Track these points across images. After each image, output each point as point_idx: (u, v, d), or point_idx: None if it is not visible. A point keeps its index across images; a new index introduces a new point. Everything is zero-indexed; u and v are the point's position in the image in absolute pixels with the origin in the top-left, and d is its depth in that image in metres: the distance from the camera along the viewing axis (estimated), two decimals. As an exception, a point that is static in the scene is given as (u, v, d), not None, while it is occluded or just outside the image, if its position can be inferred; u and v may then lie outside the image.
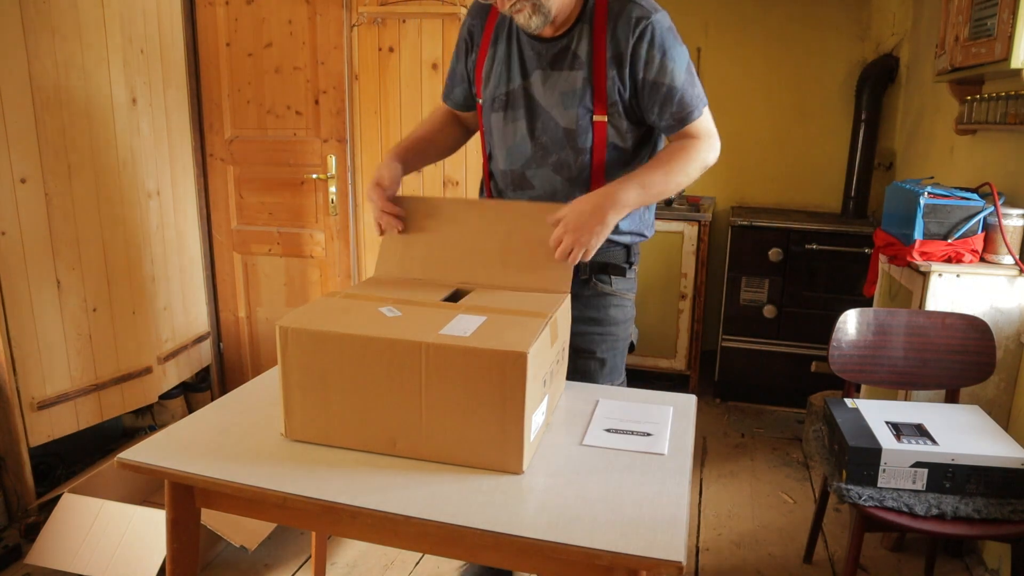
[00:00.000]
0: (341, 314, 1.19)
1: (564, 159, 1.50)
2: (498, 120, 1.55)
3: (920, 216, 2.08)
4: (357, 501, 0.99)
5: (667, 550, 0.89)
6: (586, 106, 1.45)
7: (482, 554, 1.02)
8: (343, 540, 2.25)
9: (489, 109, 1.56)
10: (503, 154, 1.57)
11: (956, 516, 1.58)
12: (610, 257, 1.59)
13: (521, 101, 1.50)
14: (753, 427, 3.24)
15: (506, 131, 1.54)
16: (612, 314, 1.60)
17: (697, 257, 3.43)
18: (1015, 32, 1.93)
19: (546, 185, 1.53)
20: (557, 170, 1.51)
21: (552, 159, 1.50)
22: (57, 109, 2.27)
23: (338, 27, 2.68)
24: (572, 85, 1.45)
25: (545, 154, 1.51)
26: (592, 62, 1.43)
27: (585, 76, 1.44)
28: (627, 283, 1.63)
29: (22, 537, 2.18)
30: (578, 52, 1.44)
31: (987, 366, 1.93)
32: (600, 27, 1.42)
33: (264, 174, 2.90)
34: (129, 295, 2.58)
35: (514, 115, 1.52)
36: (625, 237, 1.58)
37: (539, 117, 1.49)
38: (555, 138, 1.49)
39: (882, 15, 3.53)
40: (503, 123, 1.54)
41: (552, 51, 1.46)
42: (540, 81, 1.47)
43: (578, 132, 1.47)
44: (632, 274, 1.64)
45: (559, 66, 1.45)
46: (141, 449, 1.12)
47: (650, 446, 1.17)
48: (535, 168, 1.53)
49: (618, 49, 1.41)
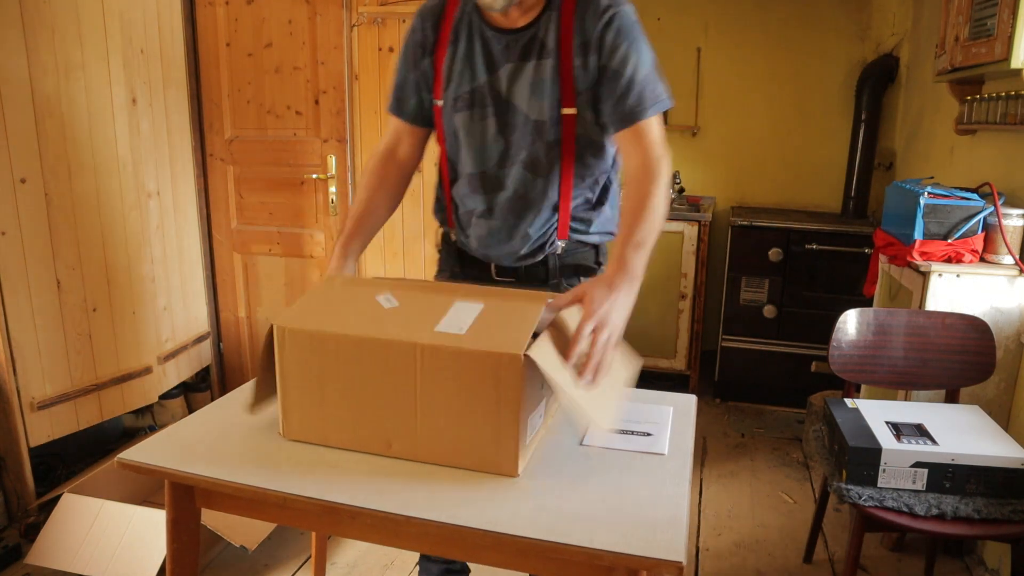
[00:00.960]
0: (340, 306, 1.17)
1: (535, 154, 1.44)
2: (463, 120, 1.47)
3: (920, 216, 2.08)
4: (357, 501, 0.99)
5: (667, 550, 0.89)
6: (555, 97, 1.40)
7: (482, 554, 1.02)
8: (343, 540, 2.25)
9: (451, 110, 1.48)
10: (471, 156, 1.49)
11: (956, 516, 1.58)
12: (580, 258, 1.55)
13: (488, 98, 1.44)
14: (753, 427, 3.24)
15: (473, 131, 1.47)
16: None
17: (697, 257, 3.43)
18: (1015, 32, 1.93)
19: (518, 185, 1.47)
20: (528, 167, 1.46)
21: (523, 156, 1.45)
22: (57, 109, 2.27)
23: (338, 27, 2.68)
24: (541, 75, 1.40)
25: (516, 151, 1.45)
26: (559, 50, 1.39)
27: (553, 65, 1.39)
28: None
29: (22, 537, 2.18)
30: (546, 41, 1.39)
31: (987, 366, 1.93)
32: (568, 14, 1.38)
33: (264, 174, 2.90)
34: (129, 295, 2.58)
35: (481, 113, 1.45)
36: (594, 237, 1.54)
37: (508, 112, 1.44)
38: (525, 133, 1.44)
39: (882, 15, 3.53)
40: (469, 123, 1.47)
41: (521, 41, 1.41)
42: (508, 75, 1.42)
43: (548, 124, 1.42)
44: (602, 272, 1.59)
45: (528, 56, 1.41)
46: (141, 449, 1.12)
47: (650, 446, 1.17)
48: (507, 167, 1.47)
49: (585, 37, 1.37)
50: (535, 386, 1.09)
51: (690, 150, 3.93)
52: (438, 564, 1.81)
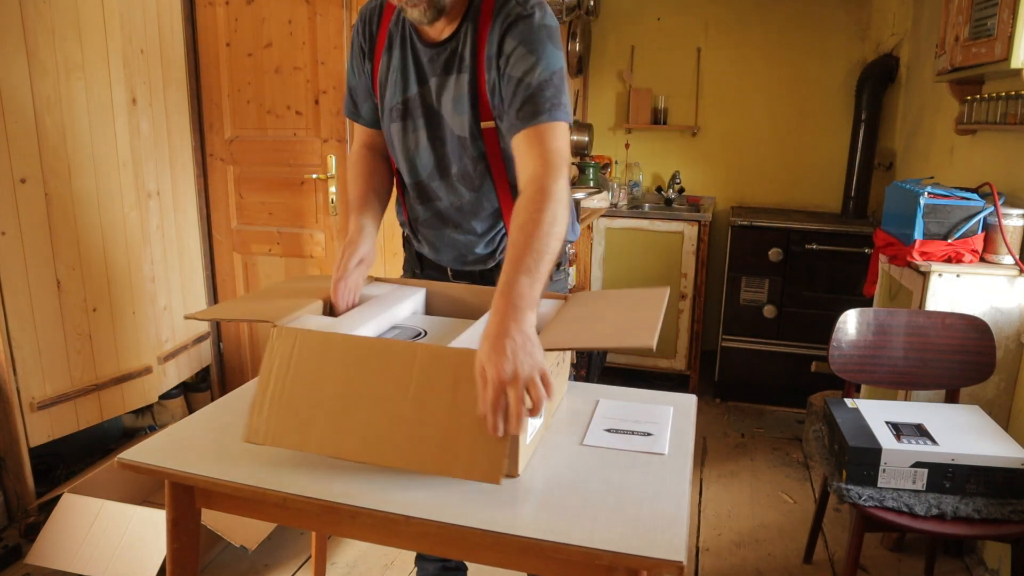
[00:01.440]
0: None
1: (464, 168, 1.42)
2: (398, 130, 1.46)
3: (920, 216, 2.08)
4: (357, 501, 0.99)
5: (667, 550, 0.89)
6: (474, 111, 1.37)
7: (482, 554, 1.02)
8: (343, 540, 2.25)
9: (388, 119, 1.47)
10: (406, 166, 1.49)
11: (956, 516, 1.58)
12: None
13: (419, 110, 1.42)
14: (753, 427, 3.24)
15: (407, 141, 1.45)
16: None
17: (697, 257, 3.43)
18: (1015, 32, 1.93)
19: (452, 197, 1.46)
20: (460, 180, 1.45)
21: (454, 169, 1.44)
22: (57, 109, 2.27)
23: (338, 27, 2.68)
24: (460, 90, 1.37)
25: (448, 164, 1.44)
26: (475, 64, 1.35)
27: (469, 79, 1.36)
28: (555, 285, 1.56)
29: (22, 537, 2.18)
30: (464, 54, 1.36)
31: (987, 366, 1.93)
32: (484, 26, 1.34)
33: (264, 174, 2.89)
34: (129, 295, 2.58)
35: (413, 124, 1.44)
36: None
37: (439, 125, 1.42)
38: (453, 147, 1.42)
39: (882, 15, 3.53)
40: (403, 133, 1.45)
41: (443, 55, 1.38)
42: (436, 87, 1.40)
43: (471, 139, 1.39)
44: (560, 274, 1.58)
45: (449, 71, 1.38)
46: (141, 449, 1.12)
47: (650, 446, 1.17)
48: (439, 180, 1.46)
49: (491, 49, 1.33)
50: None
51: (690, 150, 3.93)
52: (434, 563, 1.81)
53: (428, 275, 1.61)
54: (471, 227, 1.49)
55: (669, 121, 3.89)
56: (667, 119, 3.88)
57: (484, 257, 1.53)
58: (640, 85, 3.89)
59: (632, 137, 3.99)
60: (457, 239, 1.52)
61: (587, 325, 1.14)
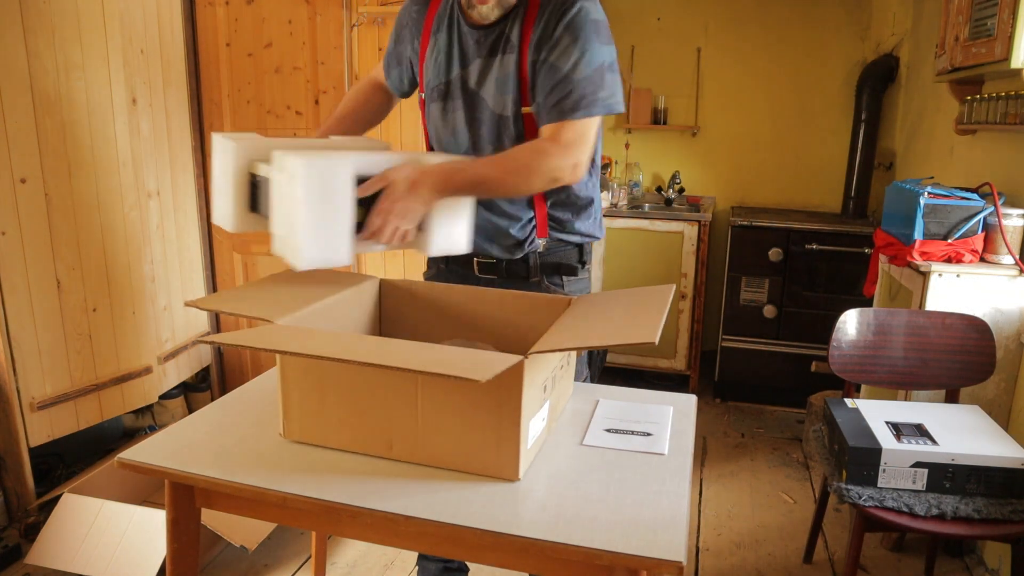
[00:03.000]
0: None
1: (501, 150, 1.44)
2: (436, 111, 1.51)
3: (920, 216, 2.08)
4: (357, 501, 0.99)
5: (667, 550, 0.89)
6: (517, 92, 1.40)
7: (482, 554, 1.02)
8: (343, 540, 2.25)
9: (429, 100, 1.53)
10: (441, 147, 1.54)
11: (956, 516, 1.58)
12: (562, 257, 1.55)
13: (459, 91, 1.46)
14: (753, 427, 3.24)
15: (444, 122, 1.50)
16: None
17: (697, 257, 3.43)
18: (1015, 32, 1.93)
19: None
20: None
21: (490, 151, 1.46)
22: (57, 109, 2.27)
23: (338, 27, 2.68)
24: (506, 70, 1.40)
25: (483, 145, 1.47)
26: (521, 46, 1.38)
27: (515, 60, 1.39)
28: (580, 283, 1.58)
29: (22, 537, 2.18)
30: (511, 36, 1.39)
31: (987, 366, 1.93)
32: (533, 9, 1.38)
33: (264, 174, 2.89)
34: (129, 295, 2.58)
35: (452, 105, 1.48)
36: (576, 237, 1.54)
37: (476, 107, 1.45)
38: (490, 128, 1.45)
39: (882, 15, 3.53)
40: (441, 114, 1.50)
41: (491, 37, 1.41)
42: (478, 70, 1.43)
43: (511, 120, 1.42)
44: (585, 273, 1.60)
45: (495, 52, 1.41)
46: (141, 449, 1.12)
47: (650, 446, 1.17)
48: None
49: (542, 32, 1.36)
50: (537, 389, 1.09)
51: (690, 150, 3.93)
52: (436, 563, 1.81)
53: (452, 270, 1.61)
54: (503, 210, 1.50)
55: (669, 121, 3.89)
56: (667, 119, 3.88)
57: (515, 244, 1.52)
58: (640, 85, 3.89)
59: (632, 137, 3.99)
60: (490, 221, 1.51)
61: (591, 325, 1.14)
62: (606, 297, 1.30)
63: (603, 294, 1.33)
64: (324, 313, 1.25)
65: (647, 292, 1.25)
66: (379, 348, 1.04)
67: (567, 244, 1.55)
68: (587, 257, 1.59)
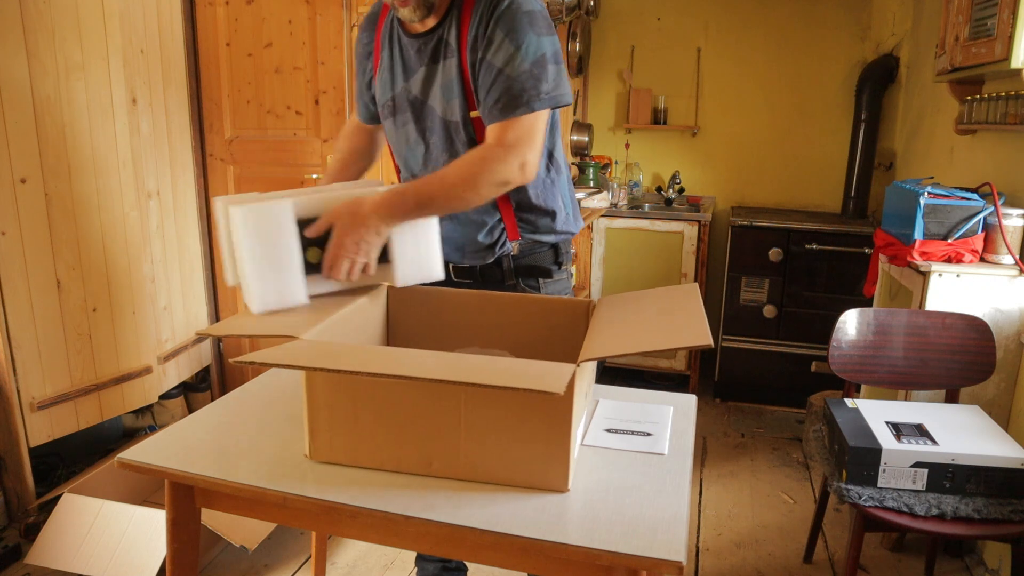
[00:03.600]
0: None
1: (454, 156, 1.42)
2: (390, 126, 1.50)
3: (920, 216, 2.08)
4: (357, 501, 0.99)
5: (667, 550, 0.89)
6: (463, 96, 1.37)
7: (482, 554, 1.02)
8: (343, 540, 2.25)
9: (383, 118, 1.53)
10: (400, 160, 1.53)
11: (956, 516, 1.58)
12: (537, 259, 1.52)
13: (405, 103, 1.45)
14: (753, 427, 3.24)
15: (399, 135, 1.49)
16: None
17: (697, 257, 3.43)
18: (1015, 32, 1.93)
19: None
20: None
21: (444, 158, 1.44)
22: (57, 109, 2.27)
23: (338, 27, 2.68)
24: (448, 76, 1.38)
25: (437, 153, 1.45)
26: (459, 48, 1.36)
27: (456, 63, 1.37)
28: (557, 284, 1.55)
29: (22, 537, 2.18)
30: (449, 40, 1.37)
31: (987, 366, 1.93)
32: (467, 10, 1.35)
33: (264, 174, 2.89)
34: (129, 295, 2.58)
35: (403, 118, 1.47)
36: (550, 236, 1.51)
37: (425, 116, 1.44)
38: (441, 135, 1.43)
39: (882, 15, 3.53)
40: (394, 128, 1.49)
41: (430, 44, 1.39)
42: (422, 79, 1.42)
43: (460, 125, 1.39)
44: (563, 274, 1.57)
45: (436, 58, 1.39)
46: (141, 449, 1.12)
47: (650, 446, 1.16)
48: (430, 170, 1.45)
49: (475, 32, 1.33)
50: (581, 396, 1.06)
51: (690, 150, 3.93)
52: (434, 562, 1.81)
53: None
54: (467, 217, 1.48)
55: (669, 121, 3.89)
56: (667, 119, 3.88)
57: (485, 249, 1.50)
58: (640, 85, 3.89)
59: (632, 137, 3.99)
60: (455, 230, 1.50)
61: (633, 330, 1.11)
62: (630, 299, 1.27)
63: (625, 296, 1.29)
64: (343, 323, 1.22)
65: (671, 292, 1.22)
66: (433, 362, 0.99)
67: (542, 245, 1.52)
68: (563, 258, 1.56)
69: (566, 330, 1.18)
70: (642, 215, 3.49)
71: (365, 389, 1.04)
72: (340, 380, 1.04)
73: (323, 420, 1.07)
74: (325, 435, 1.08)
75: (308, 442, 1.09)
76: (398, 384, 1.01)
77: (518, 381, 0.87)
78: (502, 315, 1.32)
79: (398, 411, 1.04)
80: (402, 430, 1.04)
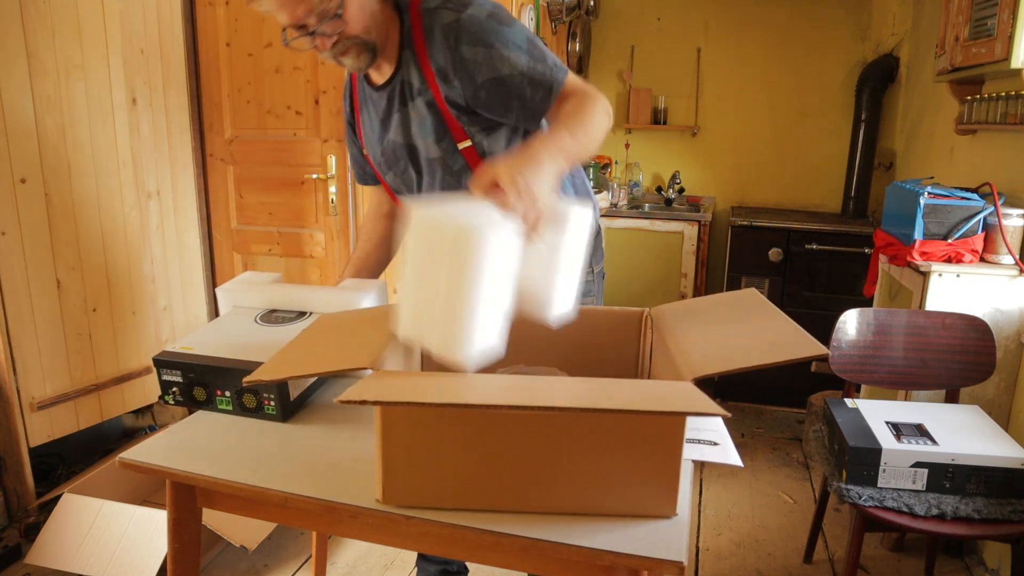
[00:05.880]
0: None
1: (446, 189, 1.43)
2: (392, 180, 1.51)
3: (920, 216, 2.09)
4: (357, 501, 0.99)
5: (668, 550, 0.89)
6: (440, 129, 1.37)
7: (482, 554, 1.02)
8: (343, 540, 2.25)
9: (383, 176, 1.53)
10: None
11: (956, 516, 1.58)
12: None
13: (392, 153, 1.46)
14: (753, 427, 3.24)
15: (405, 183, 1.49)
16: None
17: (697, 257, 3.43)
18: (1015, 32, 1.93)
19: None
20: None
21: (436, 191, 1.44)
22: (57, 109, 2.27)
23: (338, 27, 2.68)
24: (421, 114, 1.37)
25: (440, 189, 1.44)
26: (427, 84, 1.34)
27: (426, 100, 1.34)
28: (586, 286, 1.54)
29: (22, 537, 2.18)
30: (411, 80, 1.36)
31: (987, 366, 1.93)
32: (420, 45, 1.32)
33: (264, 174, 2.90)
34: (129, 295, 2.58)
35: (403, 168, 1.47)
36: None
37: (416, 157, 1.44)
38: (435, 172, 1.43)
39: (882, 15, 3.53)
40: (397, 180, 1.50)
41: (395, 90, 1.39)
42: (399, 124, 1.41)
43: (448, 156, 1.39)
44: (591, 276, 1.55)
45: (405, 101, 1.39)
46: (142, 449, 1.12)
47: (723, 456, 1.12)
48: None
49: (439, 64, 1.31)
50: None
51: (690, 150, 3.93)
52: (435, 564, 1.81)
53: None
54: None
55: (669, 121, 3.89)
56: (667, 119, 3.88)
57: None
58: (640, 85, 3.89)
59: (632, 137, 3.99)
60: None
61: (732, 341, 1.03)
62: (694, 308, 1.18)
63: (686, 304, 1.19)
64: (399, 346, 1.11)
65: (739, 297, 1.13)
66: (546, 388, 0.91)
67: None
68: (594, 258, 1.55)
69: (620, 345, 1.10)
70: (642, 215, 3.49)
71: (450, 424, 0.93)
72: (423, 415, 0.93)
73: (399, 462, 0.96)
74: (400, 478, 0.97)
75: (380, 486, 0.98)
76: (485, 415, 0.92)
77: (657, 405, 0.81)
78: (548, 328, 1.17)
79: (489, 444, 0.94)
80: (492, 465, 0.95)
